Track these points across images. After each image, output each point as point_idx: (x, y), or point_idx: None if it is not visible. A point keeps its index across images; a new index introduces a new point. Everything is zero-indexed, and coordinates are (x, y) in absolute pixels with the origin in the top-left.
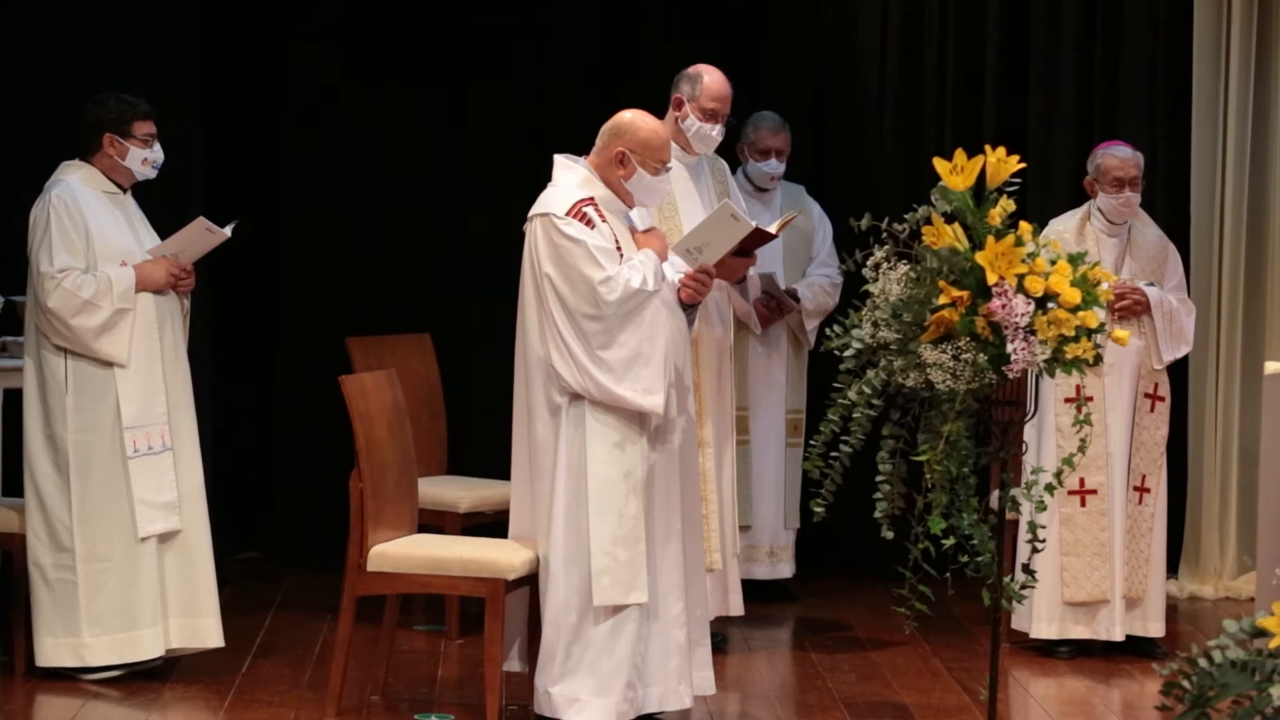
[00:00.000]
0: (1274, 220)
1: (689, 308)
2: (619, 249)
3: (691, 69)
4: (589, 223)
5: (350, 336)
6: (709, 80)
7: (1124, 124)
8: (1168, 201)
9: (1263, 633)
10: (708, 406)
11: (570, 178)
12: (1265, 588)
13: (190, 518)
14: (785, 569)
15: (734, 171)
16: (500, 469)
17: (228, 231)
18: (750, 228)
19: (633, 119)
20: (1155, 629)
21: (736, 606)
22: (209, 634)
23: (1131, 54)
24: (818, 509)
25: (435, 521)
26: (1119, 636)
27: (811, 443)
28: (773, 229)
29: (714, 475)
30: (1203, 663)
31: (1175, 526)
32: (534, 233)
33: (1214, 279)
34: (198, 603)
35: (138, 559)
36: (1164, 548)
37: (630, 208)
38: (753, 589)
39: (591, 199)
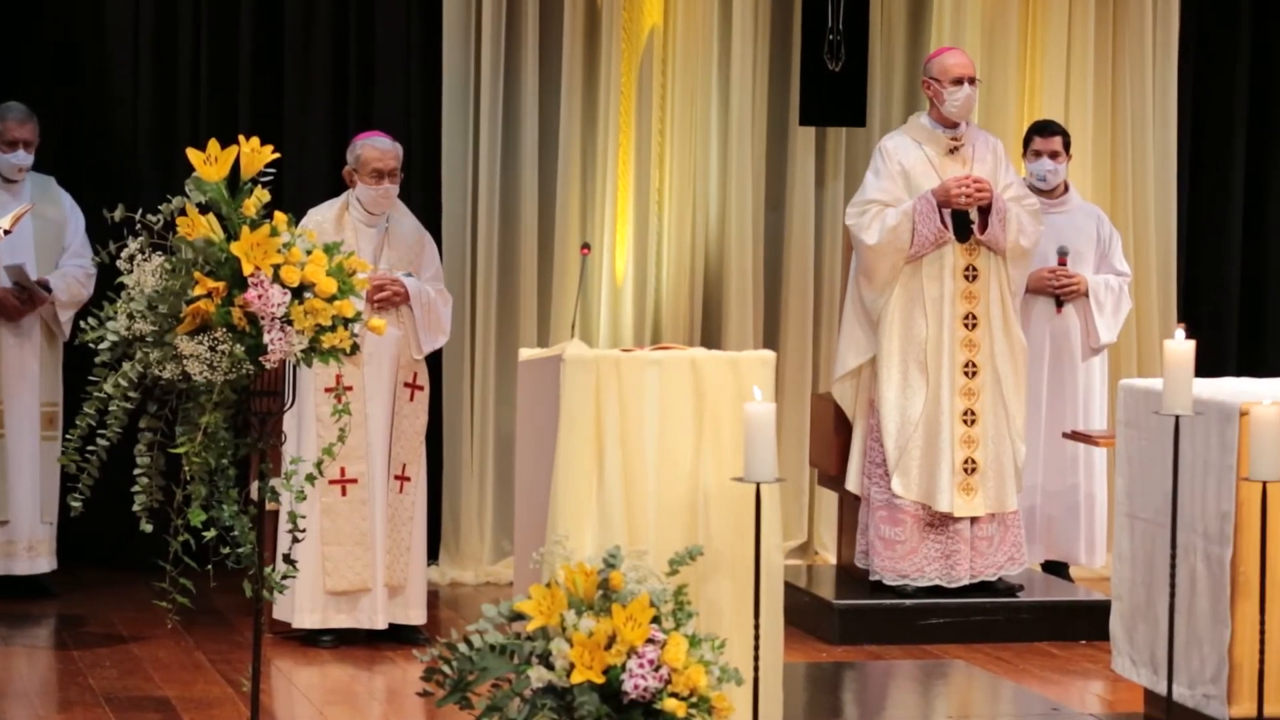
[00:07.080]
0: (526, 209)
1: None
2: None
3: None
4: None
5: None
6: None
7: (378, 115)
8: (423, 192)
9: (521, 616)
10: None
11: None
12: (523, 572)
13: None
14: (44, 564)
15: None
16: None
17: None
18: None
19: None
20: (416, 616)
21: None
22: None
23: (384, 45)
24: (75, 503)
25: None
26: (381, 624)
27: (68, 436)
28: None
29: None
30: (462, 647)
31: (435, 514)
32: None
33: (468, 269)
34: None
35: None
36: (424, 535)
37: None
38: (11, 585)
39: None
